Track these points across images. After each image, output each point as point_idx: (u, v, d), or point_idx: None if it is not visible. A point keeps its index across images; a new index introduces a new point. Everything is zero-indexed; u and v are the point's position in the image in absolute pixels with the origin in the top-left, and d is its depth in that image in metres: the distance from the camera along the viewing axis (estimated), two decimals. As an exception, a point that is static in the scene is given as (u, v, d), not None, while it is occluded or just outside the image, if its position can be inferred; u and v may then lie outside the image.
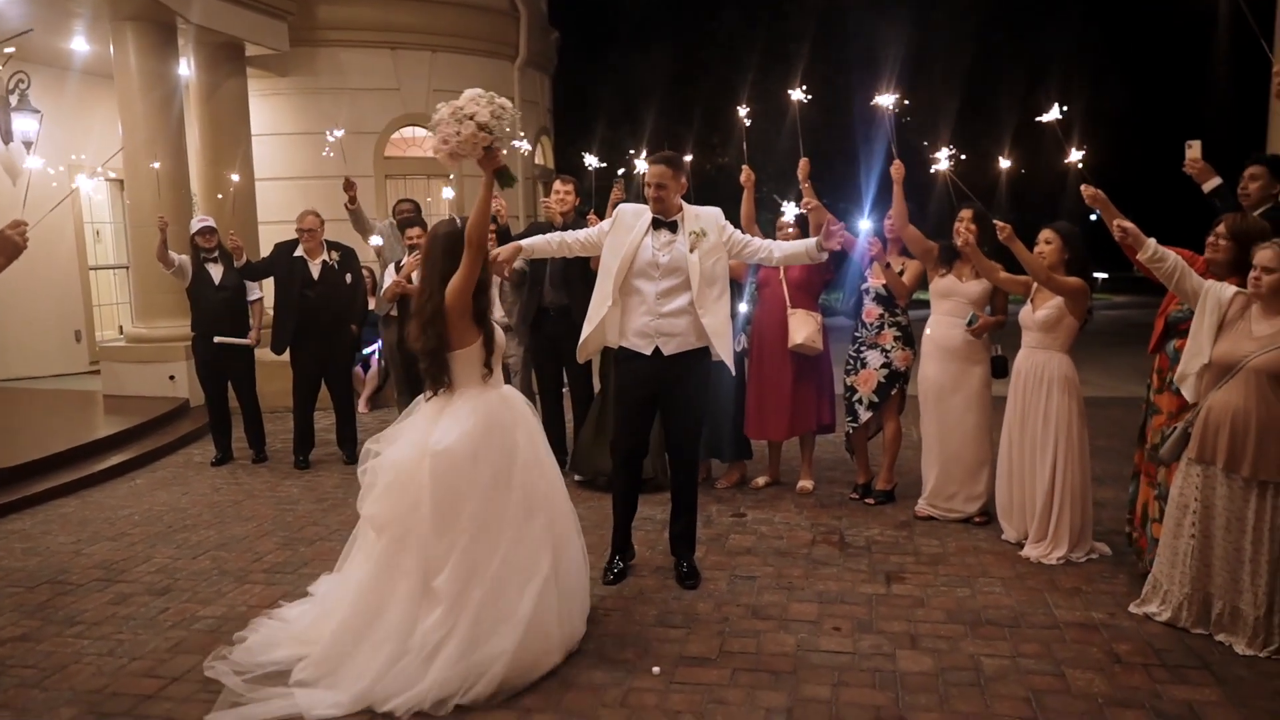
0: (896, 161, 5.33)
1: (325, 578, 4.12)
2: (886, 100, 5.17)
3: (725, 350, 4.47)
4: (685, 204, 4.49)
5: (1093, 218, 4.39)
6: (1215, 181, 4.54)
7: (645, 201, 4.50)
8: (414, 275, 6.69)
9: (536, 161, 13.24)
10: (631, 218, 4.47)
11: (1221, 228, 4.00)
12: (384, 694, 3.28)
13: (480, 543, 3.45)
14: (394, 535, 3.53)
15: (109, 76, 9.60)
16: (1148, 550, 4.41)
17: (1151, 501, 4.44)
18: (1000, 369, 5.34)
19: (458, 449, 3.49)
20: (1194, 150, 4.51)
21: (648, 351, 4.41)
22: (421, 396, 3.78)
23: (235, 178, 7.91)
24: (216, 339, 7.01)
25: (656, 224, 4.43)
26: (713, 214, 4.52)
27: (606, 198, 6.41)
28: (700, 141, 18.32)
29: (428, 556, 3.45)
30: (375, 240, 7.47)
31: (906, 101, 5.22)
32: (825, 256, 4.55)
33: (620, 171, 6.45)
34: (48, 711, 3.39)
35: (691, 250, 4.36)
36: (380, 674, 3.31)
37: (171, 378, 9.24)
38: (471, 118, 3.55)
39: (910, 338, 5.73)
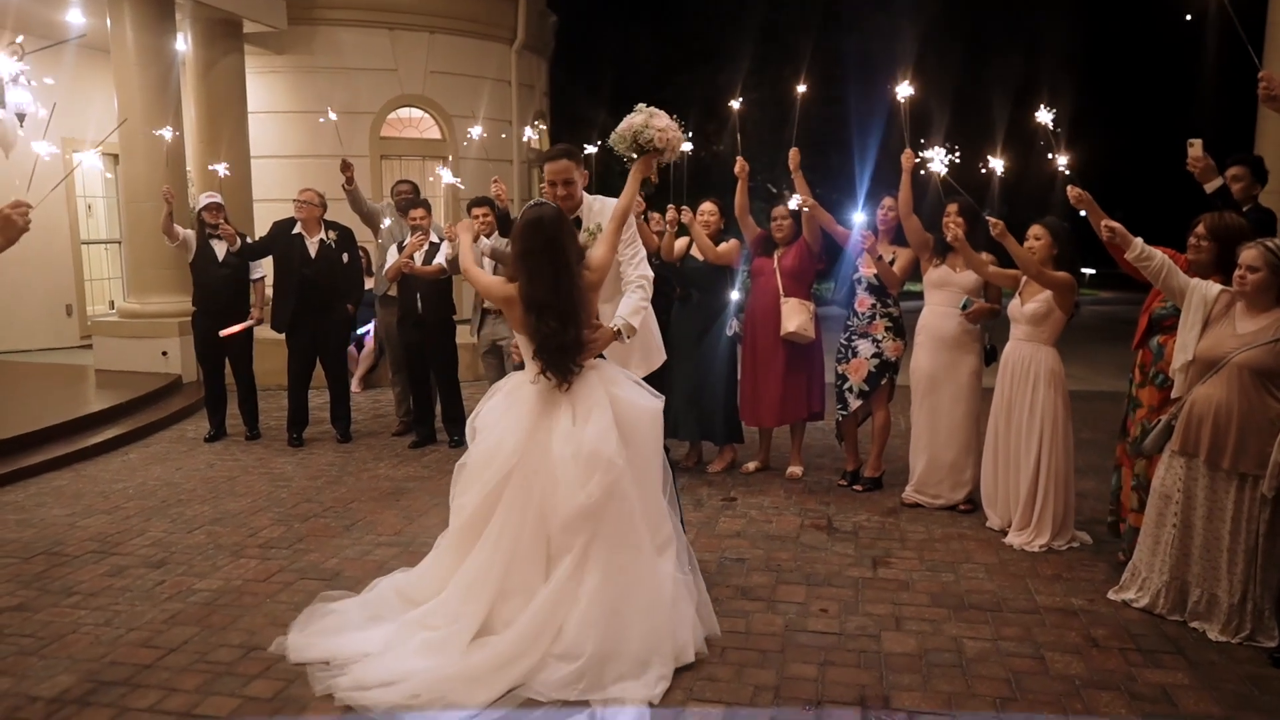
0: (907, 150, 5.38)
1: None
2: (903, 91, 5.22)
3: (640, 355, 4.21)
4: (586, 195, 4.20)
5: (1081, 214, 4.44)
6: (1218, 182, 4.55)
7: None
8: (417, 256, 6.74)
9: (533, 146, 13.24)
10: None
11: (1201, 228, 4.06)
12: None
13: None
14: (588, 537, 3.45)
15: (105, 50, 9.56)
16: (1124, 539, 4.52)
17: (1129, 492, 4.53)
18: (992, 357, 5.43)
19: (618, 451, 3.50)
20: (1195, 148, 4.51)
21: None
22: (521, 379, 3.70)
23: (223, 169, 7.82)
24: (222, 333, 7.05)
25: None
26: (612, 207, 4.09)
27: (603, 183, 6.45)
28: (696, 129, 18.37)
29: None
30: (386, 222, 7.48)
31: (905, 96, 5.25)
32: (626, 340, 3.90)
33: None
34: (46, 679, 3.45)
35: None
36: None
37: (164, 353, 9.26)
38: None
39: (901, 328, 5.80)
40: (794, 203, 5.84)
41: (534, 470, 3.49)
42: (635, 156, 4.13)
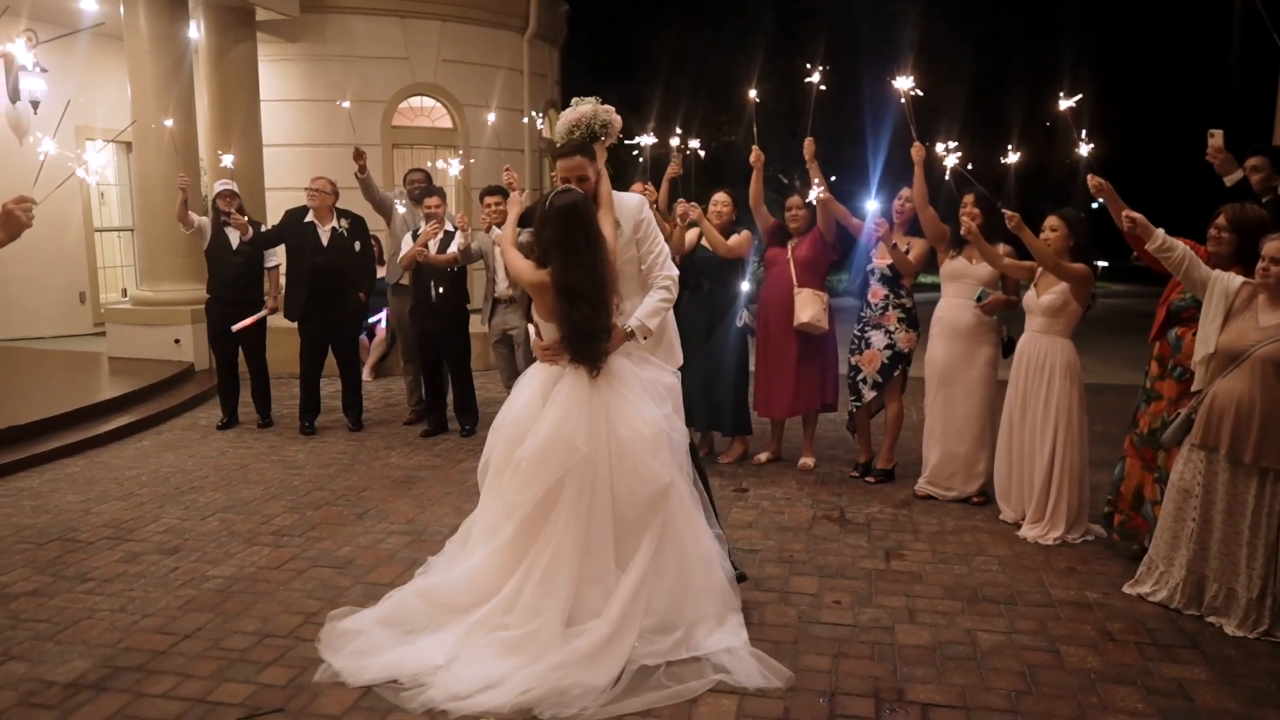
0: (917, 144, 5.34)
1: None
2: (904, 84, 5.17)
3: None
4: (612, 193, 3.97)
5: (1095, 205, 4.40)
6: (1238, 175, 4.49)
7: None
8: (431, 244, 6.73)
9: (544, 135, 13.21)
10: None
11: (1222, 219, 4.01)
12: None
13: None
14: (665, 513, 3.54)
15: (118, 38, 9.57)
16: (1146, 532, 4.49)
17: (1150, 484, 4.50)
18: (1010, 349, 5.39)
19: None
20: (1216, 139, 4.46)
21: None
22: (552, 373, 3.63)
23: (229, 161, 7.86)
24: (234, 328, 7.07)
25: None
26: (633, 206, 3.89)
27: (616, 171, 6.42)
28: (707, 119, 18.27)
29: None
30: (401, 210, 7.48)
31: (918, 92, 5.19)
32: (641, 341, 3.76)
33: (677, 146, 6.24)
34: (62, 664, 3.46)
35: None
36: None
37: (177, 341, 9.29)
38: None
39: (915, 319, 5.77)
40: (812, 194, 5.80)
41: (593, 458, 3.48)
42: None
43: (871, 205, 5.72)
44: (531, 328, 3.79)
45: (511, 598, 3.47)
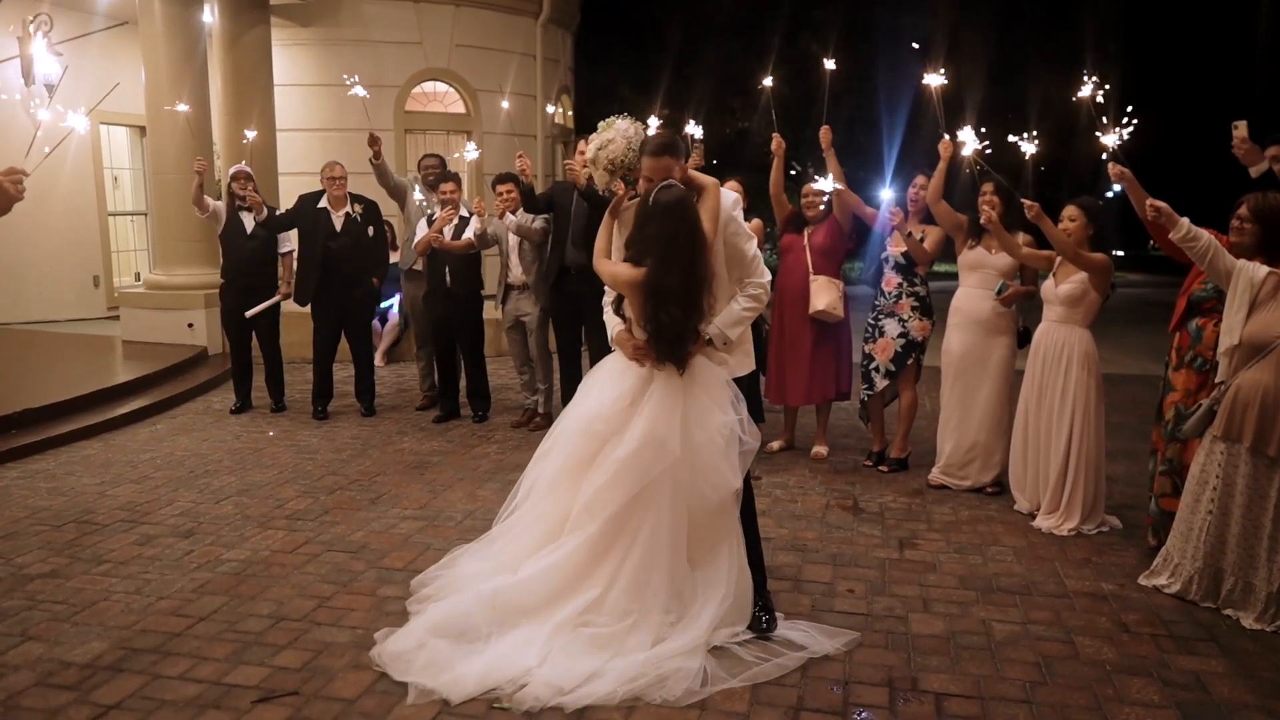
0: (945, 139, 5.29)
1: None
2: (934, 80, 5.09)
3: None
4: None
5: (1109, 194, 4.35)
6: (1263, 166, 4.40)
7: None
8: (446, 230, 6.70)
9: (556, 121, 13.16)
10: None
11: (1244, 210, 3.93)
12: None
13: None
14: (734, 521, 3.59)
15: (133, 22, 9.56)
16: (1150, 527, 4.46)
17: (1158, 478, 4.47)
18: (1026, 339, 5.36)
19: None
20: (1240, 130, 4.39)
21: None
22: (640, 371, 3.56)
23: (250, 133, 7.92)
24: (248, 314, 7.09)
25: None
26: (726, 204, 3.61)
27: None
28: (721, 105, 18.18)
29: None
30: (419, 198, 7.44)
31: (937, 84, 5.11)
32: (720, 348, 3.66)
33: (694, 136, 6.14)
34: (79, 645, 3.48)
35: None
36: None
37: (190, 325, 9.32)
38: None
39: (928, 308, 5.74)
40: (828, 185, 5.74)
41: (680, 459, 3.46)
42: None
43: (886, 194, 5.68)
44: (616, 319, 3.66)
45: (598, 598, 3.42)
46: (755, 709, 3.09)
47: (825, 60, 5.92)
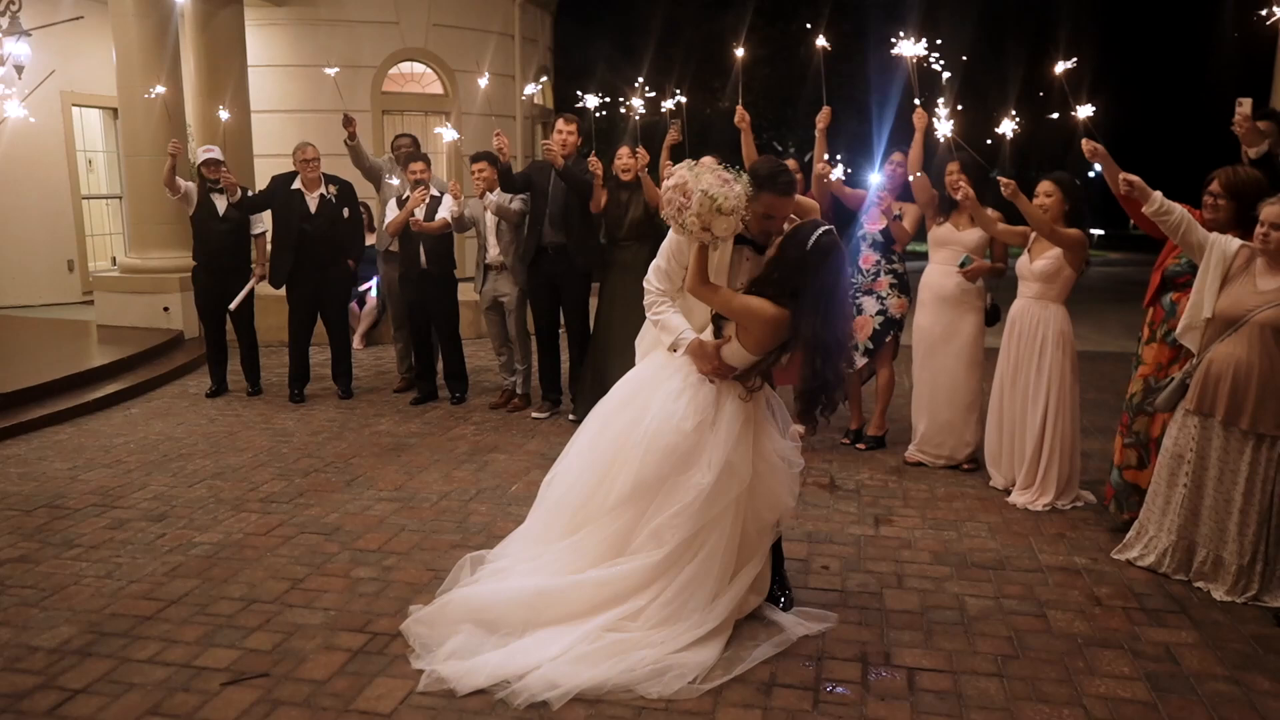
0: (919, 110, 5.26)
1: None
2: (908, 49, 5.03)
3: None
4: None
5: (1090, 175, 4.33)
6: (1263, 147, 4.27)
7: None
8: (418, 211, 6.63)
9: (536, 101, 13.07)
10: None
11: (1216, 185, 3.93)
12: None
13: None
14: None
15: (103, 1, 9.41)
16: (1112, 498, 4.47)
17: (1120, 450, 4.48)
18: (994, 317, 5.37)
19: None
20: (1244, 108, 4.25)
21: None
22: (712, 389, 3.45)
23: (224, 114, 7.84)
24: (230, 307, 7.06)
25: (741, 239, 3.46)
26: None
27: (606, 139, 6.33)
28: (702, 84, 18.07)
29: None
30: (394, 181, 7.36)
31: (927, 53, 5.08)
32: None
33: (672, 110, 6.05)
34: (47, 629, 3.45)
35: None
36: None
37: (165, 309, 9.23)
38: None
39: (906, 285, 5.74)
40: (838, 173, 5.70)
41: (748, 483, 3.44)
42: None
43: (875, 178, 5.65)
44: (683, 323, 3.49)
45: (639, 610, 3.35)
46: (728, 684, 3.09)
47: (818, 39, 5.82)
